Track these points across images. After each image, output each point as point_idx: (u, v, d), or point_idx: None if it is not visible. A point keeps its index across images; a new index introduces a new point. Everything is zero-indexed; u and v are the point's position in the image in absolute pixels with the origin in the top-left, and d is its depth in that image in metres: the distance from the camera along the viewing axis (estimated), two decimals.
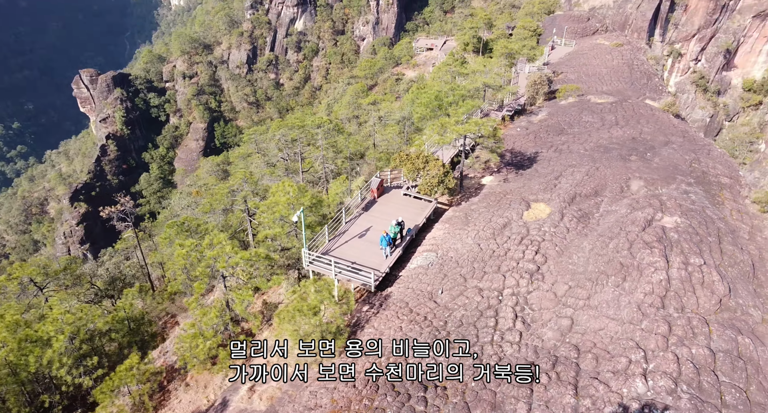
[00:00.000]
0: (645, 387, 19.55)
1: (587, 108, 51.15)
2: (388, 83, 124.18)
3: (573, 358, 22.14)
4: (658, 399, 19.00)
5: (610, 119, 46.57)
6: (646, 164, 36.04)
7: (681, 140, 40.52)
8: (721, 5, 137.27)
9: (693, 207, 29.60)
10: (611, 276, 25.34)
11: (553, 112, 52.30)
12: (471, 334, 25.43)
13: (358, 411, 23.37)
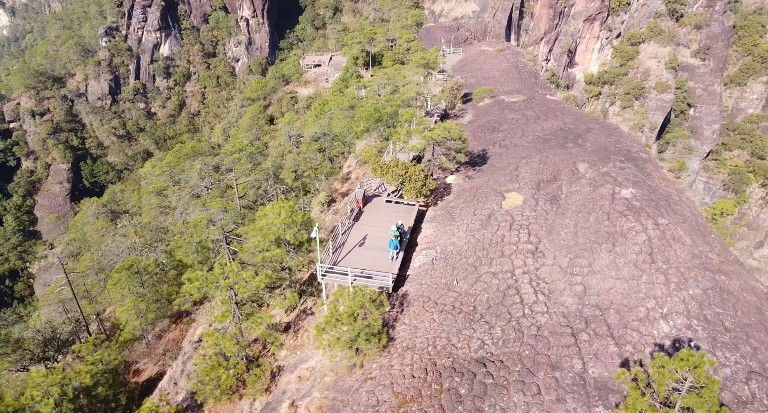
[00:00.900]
0: (668, 327, 24.65)
1: (506, 107, 58.10)
2: (284, 102, 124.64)
3: (599, 316, 26.75)
4: (681, 335, 24.17)
5: (530, 115, 53.66)
6: (582, 148, 42.88)
7: (598, 126, 48.50)
8: (558, 12, 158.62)
9: (636, 180, 36.43)
10: (602, 244, 30.66)
11: (477, 113, 58.44)
12: (503, 312, 29.04)
13: (431, 396, 25.67)
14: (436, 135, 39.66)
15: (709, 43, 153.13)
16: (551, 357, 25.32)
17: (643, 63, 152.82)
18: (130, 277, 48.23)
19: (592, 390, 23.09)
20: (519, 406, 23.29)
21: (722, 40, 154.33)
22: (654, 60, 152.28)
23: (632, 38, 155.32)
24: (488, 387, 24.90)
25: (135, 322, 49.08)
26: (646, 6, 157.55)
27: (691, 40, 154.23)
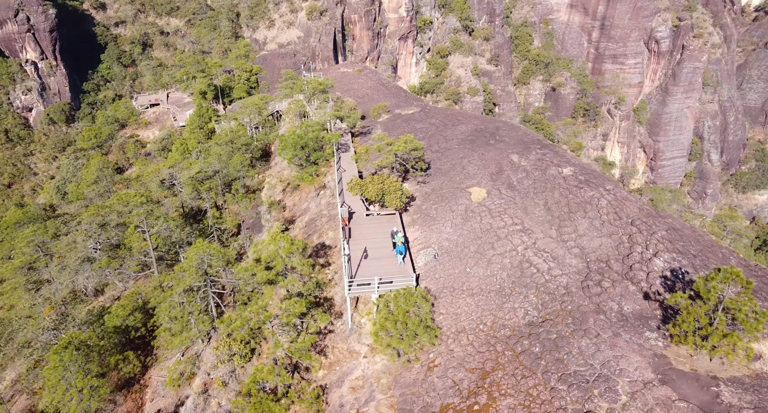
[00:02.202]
0: (662, 262, 32.81)
1: (408, 119, 64.40)
2: (128, 147, 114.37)
3: (605, 267, 34.02)
4: (673, 266, 32.44)
5: (436, 122, 60.67)
6: (505, 143, 51.03)
7: (502, 124, 57.58)
8: (376, 33, 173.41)
9: (564, 160, 45.40)
10: (576, 212, 38.27)
11: (384, 128, 63.56)
12: (528, 283, 34.61)
13: (510, 361, 29.85)
14: (399, 148, 43.73)
15: (497, 52, 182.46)
16: (590, 306, 31.51)
17: (454, 72, 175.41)
18: (72, 356, 42.24)
19: (634, 321, 29.82)
20: (589, 347, 28.87)
21: (506, 49, 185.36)
22: (462, 69, 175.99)
23: (441, 52, 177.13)
24: (555, 341, 30.04)
25: (83, 405, 43.00)
26: (445, 24, 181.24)
27: (484, 50, 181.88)
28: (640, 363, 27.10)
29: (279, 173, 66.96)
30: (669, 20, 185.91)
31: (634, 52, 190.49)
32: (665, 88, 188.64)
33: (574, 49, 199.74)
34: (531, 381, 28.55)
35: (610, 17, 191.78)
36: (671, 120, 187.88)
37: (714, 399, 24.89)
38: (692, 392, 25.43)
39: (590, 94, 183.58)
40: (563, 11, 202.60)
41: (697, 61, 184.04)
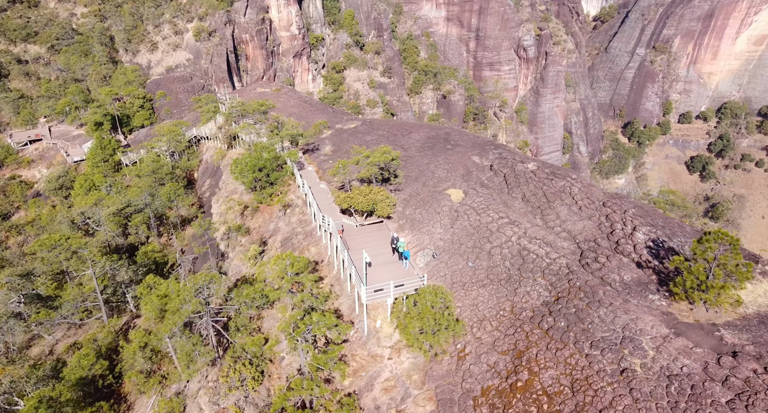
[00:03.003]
0: (643, 235, 38.10)
1: (354, 132, 66.00)
2: (11, 190, 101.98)
3: (595, 246, 38.76)
4: (652, 237, 37.83)
5: (384, 134, 63.01)
6: (462, 147, 54.85)
7: (450, 130, 61.39)
8: (270, 51, 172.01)
9: (522, 157, 50.14)
10: (553, 201, 42.82)
11: (332, 143, 64.51)
12: (532, 267, 38.24)
13: (541, 337, 32.99)
14: (378, 159, 45.39)
15: (389, 64, 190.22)
16: (595, 280, 35.74)
17: (351, 86, 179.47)
18: None
19: (636, 288, 34.54)
20: (608, 315, 32.93)
21: (397, 61, 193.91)
22: (359, 82, 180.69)
23: (336, 67, 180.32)
24: (576, 314, 33.74)
25: None
26: (336, 40, 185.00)
27: (376, 63, 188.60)
28: (653, 322, 31.64)
29: (228, 197, 64.79)
30: (532, 30, 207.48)
31: (507, 60, 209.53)
32: (536, 91, 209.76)
33: (455, 58, 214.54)
34: (566, 351, 31.86)
35: (483, 29, 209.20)
36: (545, 118, 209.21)
37: (720, 342, 30.01)
38: (702, 339, 30.39)
39: (477, 99, 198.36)
40: (442, 24, 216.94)
41: (558, 65, 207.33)
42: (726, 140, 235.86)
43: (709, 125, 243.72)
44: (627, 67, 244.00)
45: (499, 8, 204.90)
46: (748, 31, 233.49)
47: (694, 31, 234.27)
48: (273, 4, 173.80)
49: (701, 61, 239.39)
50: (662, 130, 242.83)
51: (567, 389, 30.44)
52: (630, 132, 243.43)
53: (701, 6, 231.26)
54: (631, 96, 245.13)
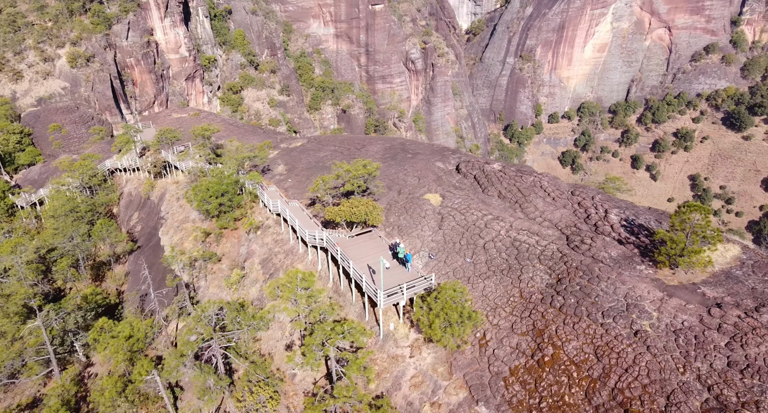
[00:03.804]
0: (617, 216, 43.51)
1: (303, 150, 65.86)
2: None
3: (577, 230, 43.58)
4: (624, 216, 43.35)
5: (338, 148, 63.74)
6: (422, 154, 57.62)
7: (403, 140, 63.68)
8: (159, 75, 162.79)
9: (482, 160, 54.21)
10: (528, 196, 47.13)
11: (285, 161, 63.87)
12: (528, 255, 41.98)
13: (556, 314, 36.62)
14: (360, 172, 46.56)
15: (286, 83, 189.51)
16: (588, 259, 40.22)
17: (251, 106, 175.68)
18: None
19: (624, 261, 39.59)
20: (609, 287, 37.38)
21: (293, 79, 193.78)
22: (258, 102, 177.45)
23: (233, 88, 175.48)
24: (581, 290, 37.80)
25: None
26: (230, 60, 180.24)
27: (273, 82, 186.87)
28: (648, 288, 36.64)
29: (180, 226, 61.20)
30: (417, 44, 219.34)
31: (398, 72, 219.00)
32: (428, 100, 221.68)
33: (348, 73, 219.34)
34: (582, 324, 35.64)
35: (372, 44, 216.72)
36: (439, 126, 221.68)
37: (704, 297, 35.69)
38: (689, 296, 35.87)
39: (376, 111, 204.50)
40: (331, 41, 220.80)
41: (445, 75, 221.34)
42: (587, 136, 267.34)
43: (573, 123, 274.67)
44: (501, 74, 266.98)
45: (385, 24, 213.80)
46: (593, 40, 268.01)
47: (551, 41, 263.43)
48: (158, 26, 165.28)
49: (560, 67, 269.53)
50: (536, 130, 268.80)
51: (591, 356, 34.13)
52: (510, 133, 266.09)
53: (554, 19, 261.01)
54: (507, 101, 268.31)
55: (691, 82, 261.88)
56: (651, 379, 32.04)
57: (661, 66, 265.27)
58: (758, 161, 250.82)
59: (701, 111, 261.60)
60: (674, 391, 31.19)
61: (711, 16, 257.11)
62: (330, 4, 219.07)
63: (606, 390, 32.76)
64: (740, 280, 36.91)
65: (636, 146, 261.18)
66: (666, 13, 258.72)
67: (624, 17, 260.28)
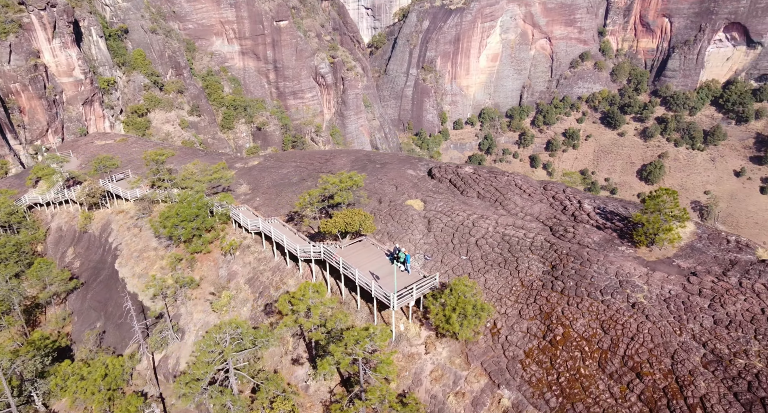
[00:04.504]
0: (588, 206, 47.90)
1: (263, 169, 64.38)
2: None
3: (559, 222, 47.36)
4: (597, 206, 47.89)
5: (301, 164, 63.03)
6: (392, 164, 59.05)
7: (368, 152, 64.45)
8: (52, 101, 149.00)
9: (450, 164, 56.93)
10: (505, 194, 50.45)
11: (246, 181, 62.01)
12: (520, 247, 45.06)
13: (560, 296, 39.95)
14: (348, 184, 47.14)
15: (196, 103, 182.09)
16: (576, 243, 44.02)
17: (160, 129, 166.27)
18: None
19: (606, 244, 43.89)
20: (600, 268, 41.32)
21: (203, 99, 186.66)
22: (168, 124, 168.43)
23: (138, 110, 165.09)
24: (577, 273, 41.39)
25: None
26: (132, 82, 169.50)
27: (181, 102, 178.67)
28: (633, 265, 41.06)
29: (141, 256, 57.14)
30: (326, 59, 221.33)
31: (309, 87, 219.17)
32: (341, 114, 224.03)
33: (258, 90, 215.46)
34: (585, 302, 39.09)
35: (280, 60, 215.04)
36: (354, 138, 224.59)
37: (680, 269, 40.76)
38: (668, 269, 40.76)
39: (292, 127, 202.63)
40: (237, 59, 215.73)
41: (356, 88, 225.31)
42: (490, 140, 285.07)
43: (476, 129, 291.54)
44: (406, 85, 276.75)
45: (291, 40, 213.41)
46: (486, 51, 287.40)
47: (449, 52, 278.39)
48: (45, 48, 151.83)
49: (459, 77, 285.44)
50: (444, 137, 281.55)
51: (599, 330, 37.60)
52: (420, 142, 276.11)
53: (450, 32, 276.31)
54: (414, 110, 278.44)
55: (572, 87, 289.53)
56: (655, 343, 36.03)
57: (546, 73, 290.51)
58: (632, 154, 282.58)
59: (583, 112, 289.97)
60: (676, 351, 35.36)
61: (582, 27, 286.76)
62: (233, 21, 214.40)
63: (617, 358, 36.25)
64: (703, 251, 42.67)
65: (533, 146, 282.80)
66: (545, 25, 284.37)
67: (510, 29, 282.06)
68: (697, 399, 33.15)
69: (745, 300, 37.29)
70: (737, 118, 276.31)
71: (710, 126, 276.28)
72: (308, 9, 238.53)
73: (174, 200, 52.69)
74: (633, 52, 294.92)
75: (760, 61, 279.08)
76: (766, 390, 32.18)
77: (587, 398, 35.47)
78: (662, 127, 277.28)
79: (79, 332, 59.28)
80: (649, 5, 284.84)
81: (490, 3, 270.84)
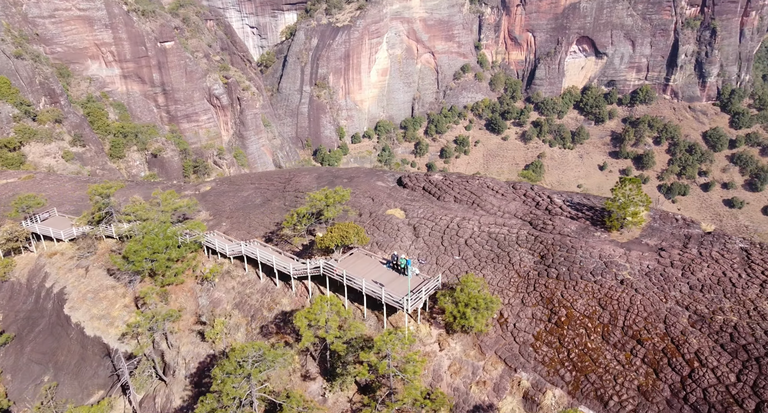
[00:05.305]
0: (558, 199, 52.10)
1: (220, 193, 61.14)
2: None
3: (534, 216, 50.91)
4: (566, 199, 52.30)
5: (261, 185, 60.58)
6: (360, 177, 59.09)
7: (326, 168, 63.25)
8: None
9: (427, 172, 58.67)
10: (481, 196, 53.22)
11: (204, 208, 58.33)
12: (508, 242, 47.92)
13: (557, 283, 43.33)
14: (339, 199, 46.83)
15: (78, 132, 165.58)
16: (557, 236, 47.77)
17: (39, 163, 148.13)
18: None
19: (584, 232, 48.16)
20: (586, 253, 45.32)
21: (86, 127, 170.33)
22: (49, 157, 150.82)
23: (9, 144, 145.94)
24: (567, 260, 45.04)
25: None
26: None
27: (61, 133, 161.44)
28: (612, 247, 45.65)
29: (96, 296, 51.18)
30: (219, 79, 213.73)
31: (203, 109, 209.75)
32: (240, 134, 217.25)
33: (146, 115, 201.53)
34: (581, 284, 42.71)
35: (169, 83, 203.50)
36: (256, 158, 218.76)
37: (649, 246, 46.09)
38: (640, 248, 45.89)
39: (192, 151, 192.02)
40: (119, 82, 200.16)
41: (254, 108, 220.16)
42: (388, 151, 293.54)
43: (374, 141, 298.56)
44: (300, 103, 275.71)
45: (180, 61, 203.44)
46: (376, 66, 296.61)
47: (341, 68, 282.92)
48: None
49: (353, 92, 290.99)
50: (343, 151, 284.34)
51: (598, 307, 41.33)
52: (320, 158, 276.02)
53: (339, 49, 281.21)
54: (311, 127, 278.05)
55: (457, 97, 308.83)
56: (647, 312, 40.45)
57: (433, 85, 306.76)
58: (516, 156, 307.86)
59: (470, 120, 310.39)
60: (666, 316, 40.04)
61: (461, 42, 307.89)
62: (110, 43, 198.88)
63: (618, 329, 40.11)
64: (660, 229, 48.74)
65: (428, 155, 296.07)
66: (428, 40, 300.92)
67: (396, 45, 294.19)
68: (693, 355, 37.72)
69: (708, 267, 43.34)
70: (595, 119, 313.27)
71: (576, 127, 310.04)
72: (192, 29, 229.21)
73: (135, 233, 48.11)
74: (506, 64, 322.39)
75: (606, 69, 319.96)
76: (745, 338, 37.62)
77: (598, 368, 38.73)
78: (538, 130, 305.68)
79: (19, 390, 51.51)
80: (515, 21, 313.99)
81: (374, 20, 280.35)
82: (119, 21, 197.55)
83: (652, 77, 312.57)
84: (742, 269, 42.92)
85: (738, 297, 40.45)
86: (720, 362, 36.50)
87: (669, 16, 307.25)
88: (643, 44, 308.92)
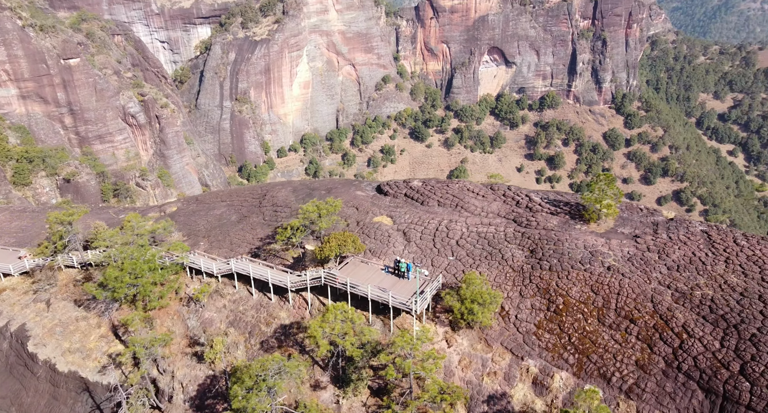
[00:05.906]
0: (536, 197, 54.62)
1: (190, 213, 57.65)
2: None
3: (518, 214, 53.10)
4: (543, 197, 54.99)
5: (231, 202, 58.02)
6: (336, 189, 58.09)
7: (304, 180, 61.51)
8: None
9: (397, 181, 59.19)
10: (464, 199, 54.61)
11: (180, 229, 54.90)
12: (497, 241, 49.62)
13: (551, 275, 45.63)
14: (326, 212, 46.21)
15: None
16: (542, 231, 50.15)
17: None
18: None
19: (565, 225, 50.93)
20: (572, 245, 47.89)
21: None
22: None
23: None
24: (555, 252, 47.45)
25: None
26: None
27: None
28: (594, 238, 48.69)
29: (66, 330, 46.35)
30: (134, 97, 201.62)
31: (118, 129, 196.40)
32: (162, 154, 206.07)
33: (52, 138, 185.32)
34: (572, 273, 45.21)
35: (76, 102, 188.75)
36: (181, 178, 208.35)
37: (625, 235, 49.66)
38: (617, 237, 49.34)
39: (111, 174, 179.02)
40: (16, 103, 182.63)
41: (174, 126, 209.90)
42: (315, 164, 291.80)
43: (300, 154, 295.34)
44: (222, 119, 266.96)
45: (88, 79, 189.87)
46: (297, 79, 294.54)
47: (262, 82, 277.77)
48: None
49: (276, 106, 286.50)
50: (270, 166, 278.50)
51: (591, 293, 43.98)
52: (246, 174, 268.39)
53: (259, 63, 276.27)
54: (234, 143, 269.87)
55: (380, 107, 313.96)
56: (636, 294, 43.63)
57: (356, 96, 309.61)
58: (440, 162, 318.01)
59: (394, 129, 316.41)
60: (653, 296, 43.42)
61: (380, 54, 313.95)
62: (4, 61, 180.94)
63: (611, 312, 42.91)
64: (629, 219, 52.80)
65: (356, 165, 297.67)
66: (347, 53, 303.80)
67: (317, 58, 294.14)
68: (680, 328, 41.14)
69: (680, 249, 47.59)
70: (510, 124, 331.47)
71: (493, 132, 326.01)
72: (98, 45, 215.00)
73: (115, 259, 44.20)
74: (425, 74, 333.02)
75: (516, 77, 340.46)
76: (722, 308, 41.66)
77: (598, 349, 41.19)
78: (459, 136, 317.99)
79: None
80: (430, 33, 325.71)
81: (293, 34, 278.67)
82: (13, 37, 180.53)
83: (556, 84, 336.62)
84: (707, 249, 47.56)
85: (709, 273, 44.75)
86: (704, 332, 40.05)
87: (566, 27, 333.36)
88: (546, 54, 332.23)
